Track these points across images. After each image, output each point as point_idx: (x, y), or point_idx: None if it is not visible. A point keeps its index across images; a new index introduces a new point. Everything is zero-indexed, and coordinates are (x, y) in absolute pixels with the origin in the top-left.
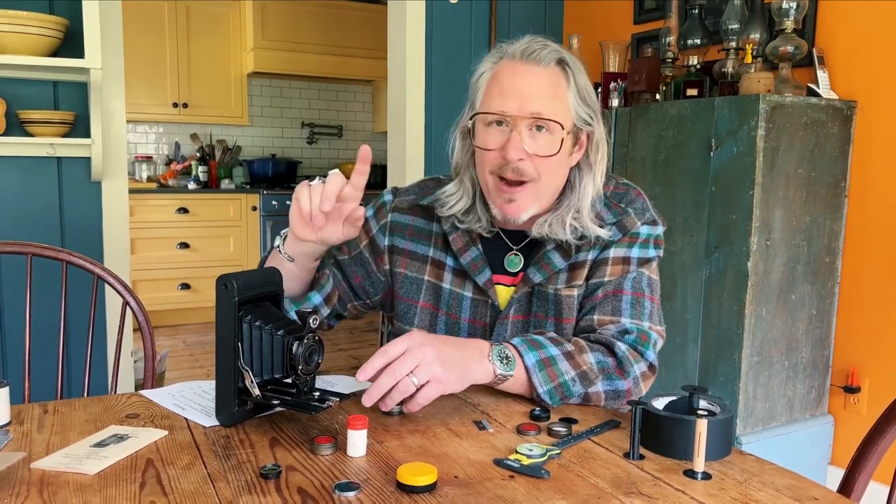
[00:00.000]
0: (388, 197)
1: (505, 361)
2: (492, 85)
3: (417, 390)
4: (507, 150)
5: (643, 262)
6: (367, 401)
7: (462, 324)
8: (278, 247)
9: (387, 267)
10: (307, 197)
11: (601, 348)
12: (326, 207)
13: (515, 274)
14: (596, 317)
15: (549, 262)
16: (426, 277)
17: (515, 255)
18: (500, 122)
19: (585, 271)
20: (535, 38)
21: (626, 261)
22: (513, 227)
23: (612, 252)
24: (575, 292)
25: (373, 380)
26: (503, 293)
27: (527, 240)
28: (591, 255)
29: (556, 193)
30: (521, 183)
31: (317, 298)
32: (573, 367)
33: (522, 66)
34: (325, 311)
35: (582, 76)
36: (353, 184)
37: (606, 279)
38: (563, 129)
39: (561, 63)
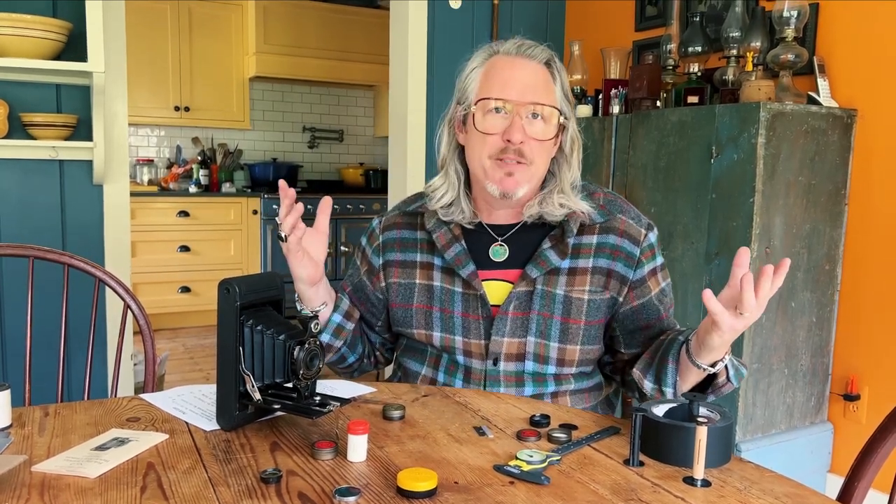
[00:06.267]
0: (375, 222)
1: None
2: (490, 76)
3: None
4: (511, 133)
5: (662, 265)
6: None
7: (456, 318)
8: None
9: (382, 284)
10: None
11: None
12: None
13: (502, 264)
14: (665, 324)
15: (545, 259)
16: (417, 280)
17: (500, 245)
18: (498, 110)
19: (588, 277)
20: (524, 38)
21: (653, 272)
22: (498, 221)
23: (647, 267)
24: (586, 297)
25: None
26: (495, 287)
27: (511, 231)
28: (590, 263)
29: (541, 181)
30: (520, 162)
31: (337, 318)
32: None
33: (519, 60)
34: (350, 326)
35: (564, 75)
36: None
37: (653, 291)
38: (560, 114)
39: (549, 63)
